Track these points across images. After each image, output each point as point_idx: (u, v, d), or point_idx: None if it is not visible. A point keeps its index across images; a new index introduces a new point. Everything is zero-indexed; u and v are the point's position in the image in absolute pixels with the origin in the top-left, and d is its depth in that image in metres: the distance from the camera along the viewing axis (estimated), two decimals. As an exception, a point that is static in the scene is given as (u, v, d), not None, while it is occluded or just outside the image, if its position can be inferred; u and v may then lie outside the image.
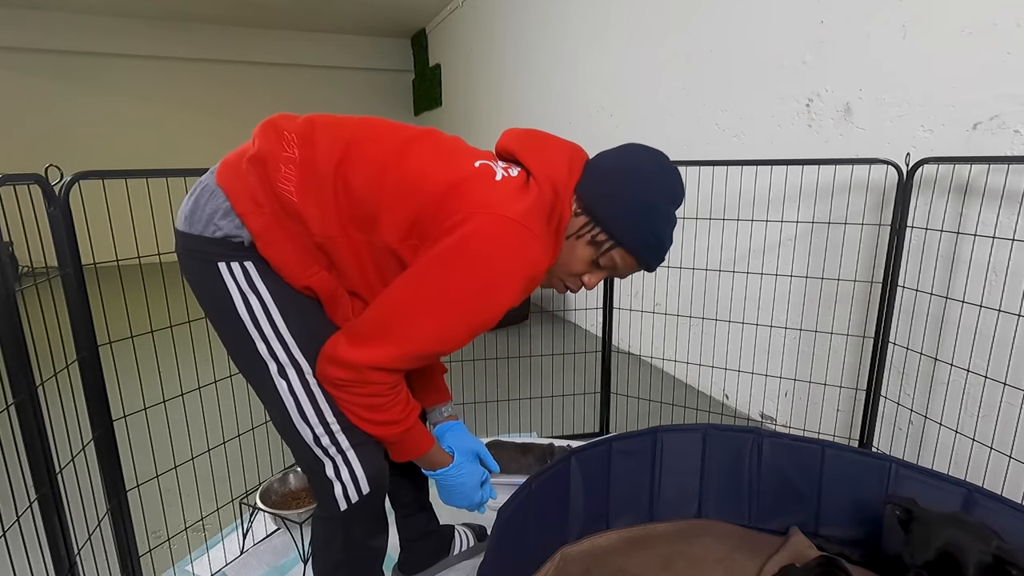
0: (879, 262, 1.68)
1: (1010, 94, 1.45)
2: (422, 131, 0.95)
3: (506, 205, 0.83)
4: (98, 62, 5.66)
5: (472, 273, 0.81)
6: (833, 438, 1.86)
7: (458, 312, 0.83)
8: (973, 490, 1.25)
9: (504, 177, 0.89)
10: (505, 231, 0.81)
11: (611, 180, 0.92)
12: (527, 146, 0.94)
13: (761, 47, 2.15)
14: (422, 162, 0.88)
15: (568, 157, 0.94)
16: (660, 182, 0.92)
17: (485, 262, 0.81)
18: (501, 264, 0.82)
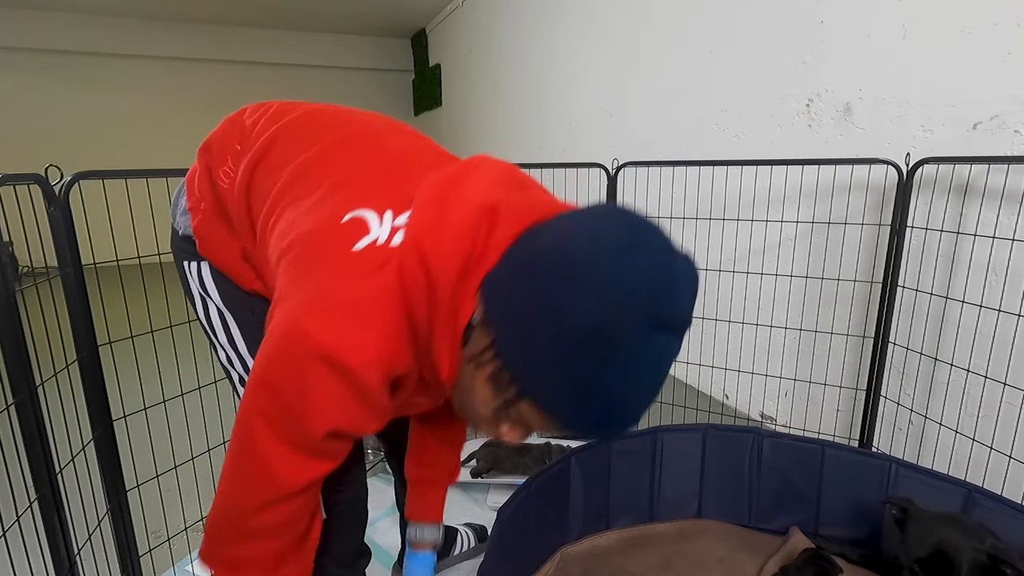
0: (879, 262, 1.68)
1: (1010, 94, 1.45)
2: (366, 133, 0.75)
3: (323, 300, 0.57)
4: (98, 62, 5.66)
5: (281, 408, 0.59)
6: (833, 438, 1.86)
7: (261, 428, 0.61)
8: (973, 490, 1.25)
9: (369, 246, 0.60)
10: (295, 357, 0.57)
11: (525, 282, 0.53)
12: (432, 190, 0.61)
13: (761, 47, 2.15)
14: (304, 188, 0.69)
15: (483, 217, 0.57)
16: (623, 295, 0.50)
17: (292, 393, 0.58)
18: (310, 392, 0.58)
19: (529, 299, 0.52)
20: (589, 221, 0.55)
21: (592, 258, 0.51)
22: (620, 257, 0.51)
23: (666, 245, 0.54)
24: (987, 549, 1.09)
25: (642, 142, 2.89)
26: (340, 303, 0.57)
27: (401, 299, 0.57)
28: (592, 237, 0.52)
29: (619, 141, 3.06)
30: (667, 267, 0.52)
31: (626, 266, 0.50)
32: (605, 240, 0.52)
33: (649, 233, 0.54)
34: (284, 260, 0.63)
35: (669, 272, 0.52)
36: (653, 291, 0.50)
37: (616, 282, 0.50)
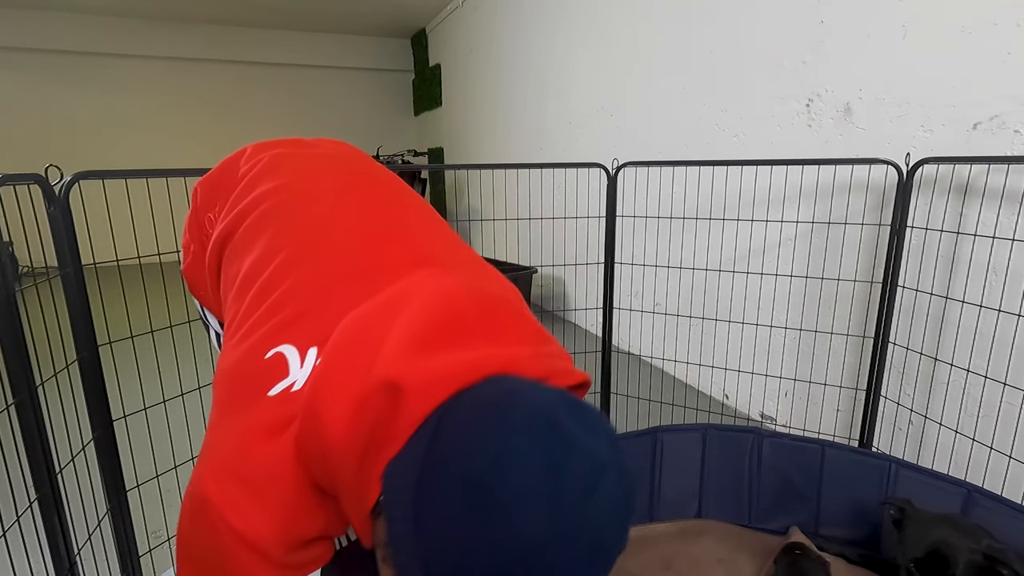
0: (879, 262, 1.68)
1: (1010, 94, 1.45)
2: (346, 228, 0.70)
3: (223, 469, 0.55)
4: (98, 62, 5.66)
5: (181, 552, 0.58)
6: (833, 438, 1.86)
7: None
8: (973, 490, 1.25)
9: (283, 392, 0.57)
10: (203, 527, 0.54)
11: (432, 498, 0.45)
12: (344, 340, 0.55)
13: (761, 47, 2.15)
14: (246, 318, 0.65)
15: (383, 398, 0.50)
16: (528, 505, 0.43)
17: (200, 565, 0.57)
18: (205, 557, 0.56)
19: (421, 529, 0.45)
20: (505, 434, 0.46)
21: (497, 497, 0.43)
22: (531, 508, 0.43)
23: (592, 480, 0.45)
24: (983, 549, 1.10)
25: (642, 142, 2.89)
26: (239, 475, 0.54)
27: (303, 468, 0.54)
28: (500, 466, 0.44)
29: (619, 141, 3.06)
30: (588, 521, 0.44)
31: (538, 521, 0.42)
32: (514, 474, 0.43)
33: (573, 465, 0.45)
34: (215, 391, 0.62)
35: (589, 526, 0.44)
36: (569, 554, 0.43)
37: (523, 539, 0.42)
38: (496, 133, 4.59)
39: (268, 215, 0.72)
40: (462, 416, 0.48)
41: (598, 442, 0.47)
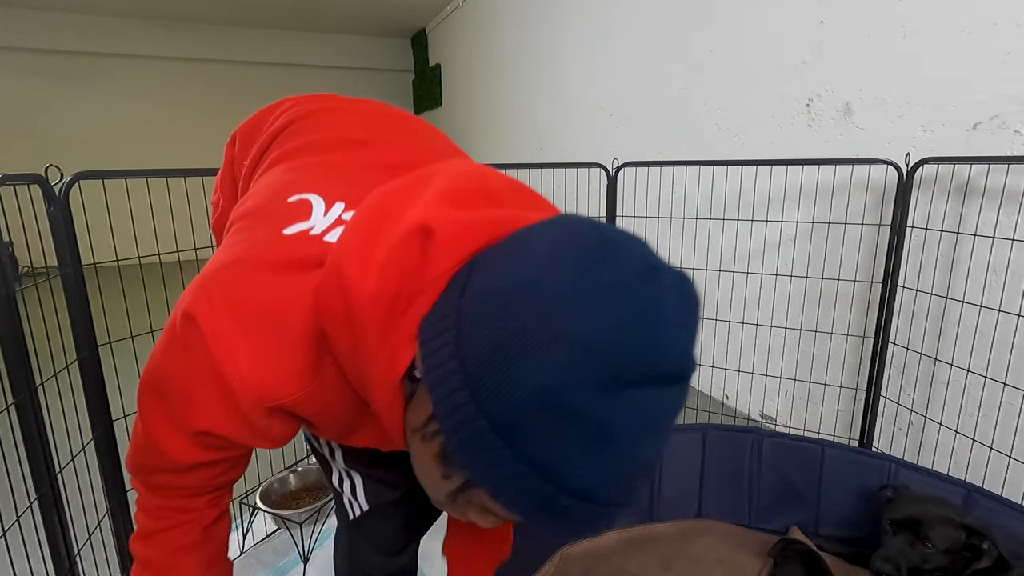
0: (879, 262, 1.68)
1: (1010, 94, 1.44)
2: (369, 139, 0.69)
3: (222, 295, 0.51)
4: (98, 62, 5.66)
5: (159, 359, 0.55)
6: (833, 438, 1.86)
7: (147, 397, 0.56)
8: (973, 490, 1.26)
9: (300, 234, 0.53)
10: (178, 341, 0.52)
11: (460, 337, 0.41)
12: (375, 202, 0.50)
13: (761, 47, 2.15)
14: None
15: (411, 242, 0.45)
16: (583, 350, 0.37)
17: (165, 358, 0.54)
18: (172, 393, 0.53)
19: (465, 362, 0.40)
20: (539, 249, 0.41)
21: (540, 303, 0.38)
22: (579, 301, 0.38)
23: (645, 270, 0.40)
24: (963, 522, 1.12)
25: (642, 142, 2.88)
26: (234, 302, 0.50)
27: (313, 323, 0.49)
28: (538, 276, 0.39)
29: (619, 141, 3.06)
30: (643, 303, 0.38)
31: (586, 312, 0.37)
32: (555, 279, 0.39)
33: (618, 259, 0.40)
34: (226, 234, 0.60)
35: (646, 309, 0.38)
36: (623, 339, 0.37)
37: (573, 334, 0.37)
38: (496, 133, 4.59)
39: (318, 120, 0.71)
40: (491, 265, 0.43)
41: (649, 249, 0.42)
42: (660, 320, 0.39)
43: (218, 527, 0.68)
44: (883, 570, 1.15)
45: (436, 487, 0.48)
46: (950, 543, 1.13)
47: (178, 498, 0.62)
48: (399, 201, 0.49)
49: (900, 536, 1.17)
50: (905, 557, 1.15)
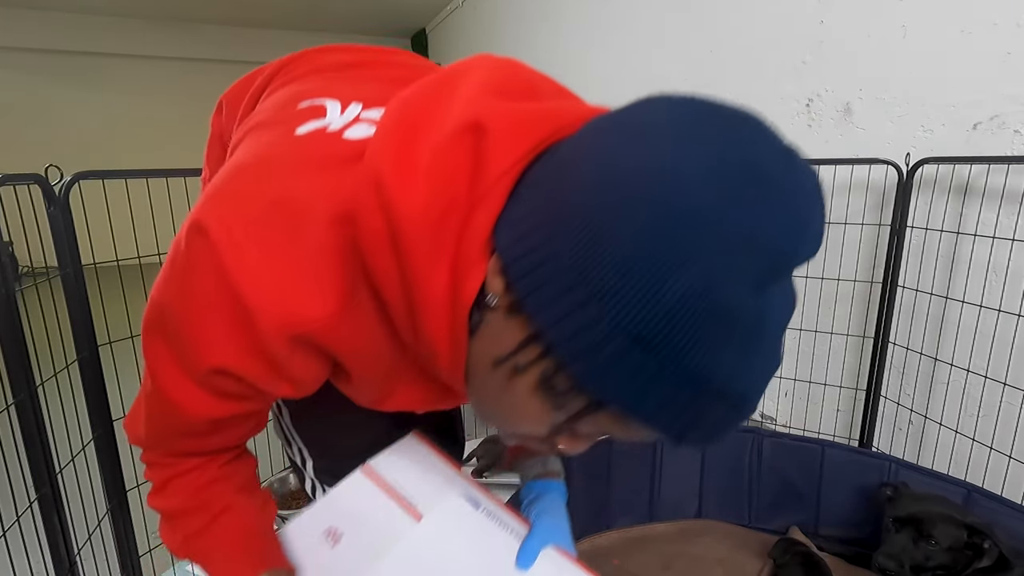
0: (879, 262, 1.68)
1: (1010, 94, 1.44)
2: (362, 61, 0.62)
3: (231, 205, 0.43)
4: (98, 62, 5.66)
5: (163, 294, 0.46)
6: (833, 438, 1.86)
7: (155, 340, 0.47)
8: (973, 490, 1.26)
9: (316, 132, 0.47)
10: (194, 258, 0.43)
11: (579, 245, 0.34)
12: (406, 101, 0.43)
13: (761, 47, 2.15)
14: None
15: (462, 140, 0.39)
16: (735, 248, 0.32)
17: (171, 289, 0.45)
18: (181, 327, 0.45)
19: (586, 273, 0.33)
20: (657, 133, 0.35)
21: (677, 192, 0.32)
22: (725, 187, 0.33)
23: (786, 150, 0.35)
24: (966, 521, 1.12)
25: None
26: (247, 205, 0.43)
27: (340, 235, 0.42)
28: (670, 163, 0.33)
29: (619, 141, 3.06)
30: (792, 187, 0.34)
31: (736, 199, 0.33)
32: (691, 164, 0.33)
33: (756, 137, 0.35)
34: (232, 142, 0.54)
35: (795, 193, 0.34)
36: (777, 228, 0.33)
37: (724, 226, 0.32)
38: (496, 133, 4.59)
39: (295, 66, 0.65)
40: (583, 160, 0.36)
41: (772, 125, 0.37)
42: (808, 205, 0.35)
43: (242, 461, 0.61)
44: (886, 567, 1.15)
45: (532, 421, 0.42)
46: (953, 541, 1.13)
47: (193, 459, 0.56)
48: (435, 97, 0.42)
49: (903, 533, 1.18)
50: (908, 554, 1.15)
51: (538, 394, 0.40)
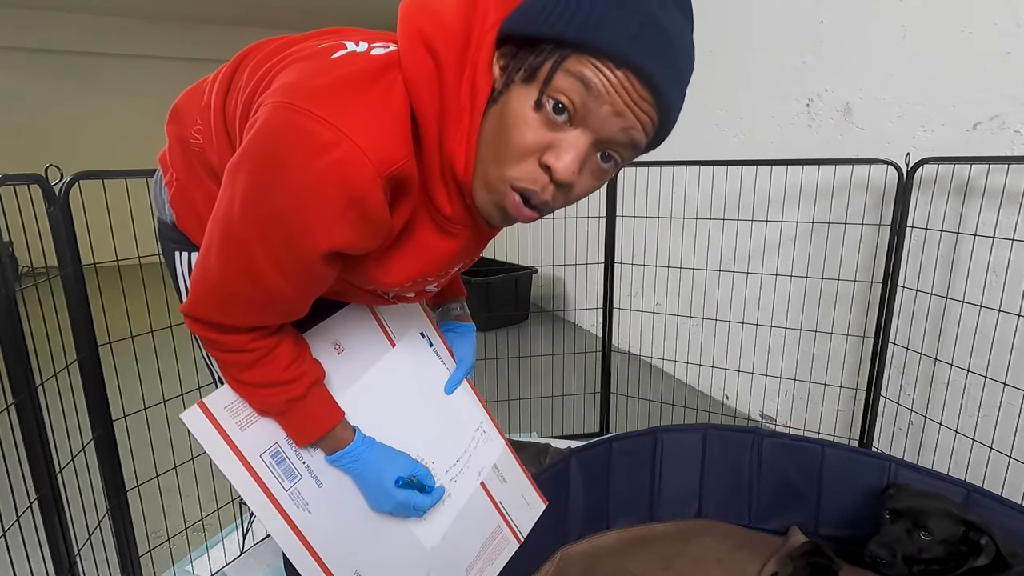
0: (879, 262, 1.68)
1: (1010, 94, 1.45)
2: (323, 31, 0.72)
3: (301, 86, 0.53)
4: (98, 62, 5.66)
5: (259, 200, 0.55)
6: (833, 438, 1.86)
7: (252, 248, 0.57)
8: (973, 490, 1.26)
9: (348, 53, 0.58)
10: (285, 129, 0.52)
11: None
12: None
13: (761, 47, 2.15)
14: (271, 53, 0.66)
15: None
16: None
17: (271, 183, 0.54)
18: (292, 185, 0.53)
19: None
20: None
21: None
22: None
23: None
24: (963, 516, 1.12)
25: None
26: (319, 93, 0.52)
27: (397, 98, 0.55)
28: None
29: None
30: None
31: None
32: None
33: None
34: (263, 83, 0.61)
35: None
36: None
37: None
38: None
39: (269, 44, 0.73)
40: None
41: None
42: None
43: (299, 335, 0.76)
44: (878, 555, 1.16)
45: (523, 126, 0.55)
46: (947, 534, 1.14)
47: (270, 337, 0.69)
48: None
49: (898, 524, 1.18)
50: (901, 544, 1.16)
51: (521, 91, 0.55)
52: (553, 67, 0.52)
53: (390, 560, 0.83)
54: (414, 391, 0.90)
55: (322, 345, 0.81)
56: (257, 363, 0.69)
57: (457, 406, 0.94)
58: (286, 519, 0.77)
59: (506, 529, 0.96)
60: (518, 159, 0.56)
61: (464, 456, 0.92)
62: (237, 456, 0.75)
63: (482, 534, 0.92)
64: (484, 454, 0.95)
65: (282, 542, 0.77)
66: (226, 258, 0.60)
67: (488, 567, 0.92)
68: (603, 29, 0.50)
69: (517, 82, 0.54)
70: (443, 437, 0.91)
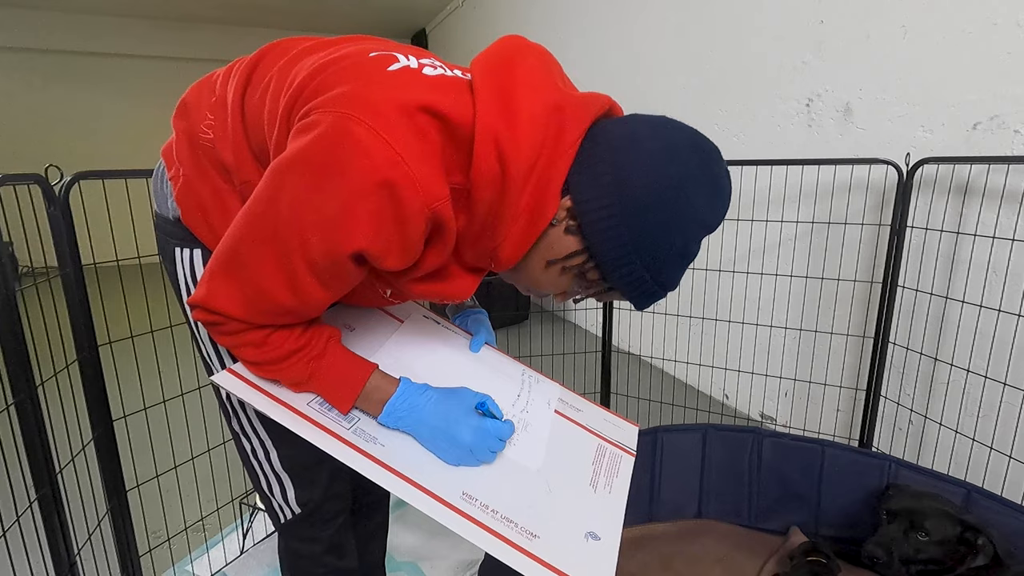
0: (879, 262, 1.68)
1: (1010, 94, 1.45)
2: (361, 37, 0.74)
3: (366, 100, 0.57)
4: (98, 62, 5.66)
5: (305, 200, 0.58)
6: (833, 438, 1.86)
7: (289, 245, 0.59)
8: (973, 490, 1.25)
9: (404, 68, 0.61)
10: (350, 139, 0.55)
11: (627, 216, 0.59)
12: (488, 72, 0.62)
13: (761, 47, 2.15)
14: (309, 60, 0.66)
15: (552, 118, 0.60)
16: (701, 202, 0.60)
17: (321, 186, 0.57)
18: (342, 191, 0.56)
19: (631, 227, 0.60)
20: (663, 141, 0.61)
21: (680, 192, 0.59)
22: (704, 191, 0.61)
23: (719, 168, 0.63)
24: (960, 516, 1.12)
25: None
26: (381, 113, 0.56)
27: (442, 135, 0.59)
28: (681, 182, 0.59)
29: (619, 141, 3.06)
30: (722, 193, 0.63)
31: (706, 198, 0.61)
32: (686, 171, 0.59)
33: (713, 157, 0.62)
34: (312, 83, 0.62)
35: (724, 196, 0.63)
36: (715, 215, 0.63)
37: (701, 212, 0.61)
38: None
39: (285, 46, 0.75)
40: (630, 148, 0.60)
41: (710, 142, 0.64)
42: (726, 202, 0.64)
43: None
44: (874, 555, 1.16)
45: (555, 290, 0.70)
46: (944, 535, 1.14)
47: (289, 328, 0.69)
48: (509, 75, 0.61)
49: (894, 524, 1.18)
50: (898, 545, 1.16)
51: (568, 277, 0.68)
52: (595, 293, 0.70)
53: (500, 479, 0.71)
54: (443, 349, 0.87)
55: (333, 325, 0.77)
56: (268, 339, 0.67)
57: (490, 361, 0.90)
58: (362, 453, 0.68)
59: (610, 447, 0.87)
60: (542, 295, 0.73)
61: (524, 393, 0.86)
62: (285, 407, 0.69)
63: (587, 454, 0.83)
64: (544, 391, 0.90)
65: (368, 473, 0.66)
66: (261, 255, 0.61)
67: (614, 480, 0.81)
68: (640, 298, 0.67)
69: (571, 271, 0.68)
70: (493, 378, 0.86)
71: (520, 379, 0.90)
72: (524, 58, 0.63)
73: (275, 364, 0.69)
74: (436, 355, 0.85)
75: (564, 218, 0.64)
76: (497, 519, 0.66)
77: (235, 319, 0.65)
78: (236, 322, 0.65)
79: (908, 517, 1.17)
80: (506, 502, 0.68)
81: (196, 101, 0.77)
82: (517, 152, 0.58)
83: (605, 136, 0.62)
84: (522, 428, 0.80)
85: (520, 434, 0.78)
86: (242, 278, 0.62)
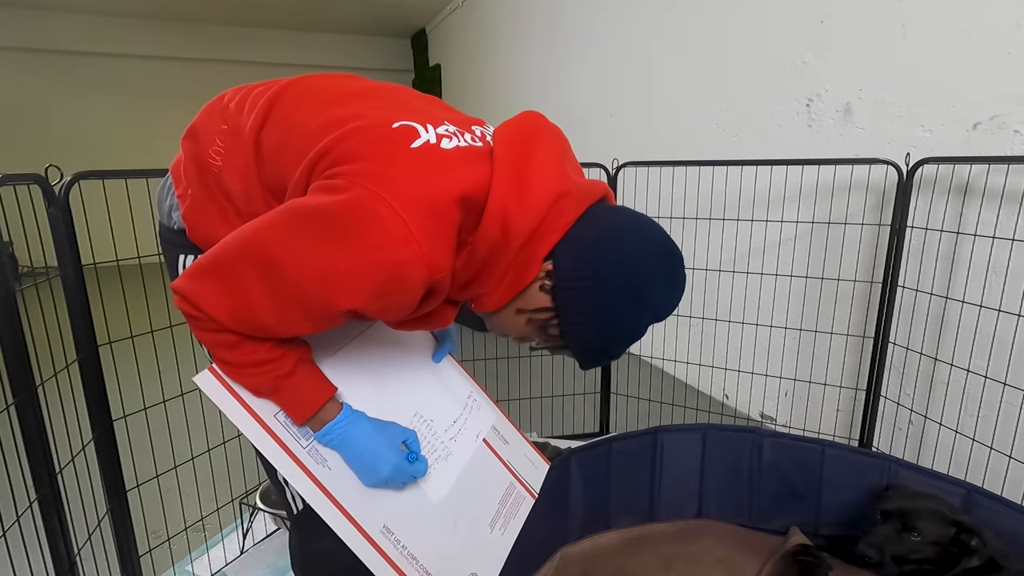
0: (879, 262, 1.68)
1: (1010, 94, 1.45)
2: (373, 87, 0.81)
3: (391, 181, 0.63)
4: (98, 62, 5.66)
5: (316, 249, 0.62)
6: (833, 438, 1.86)
7: (288, 282, 0.64)
8: (973, 490, 1.25)
9: (425, 145, 0.67)
10: (369, 214, 0.61)
11: (594, 285, 0.69)
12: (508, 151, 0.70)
13: (761, 47, 2.15)
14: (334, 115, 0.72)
15: (557, 202, 0.69)
16: (659, 296, 0.71)
17: (336, 245, 0.62)
18: (354, 257, 0.62)
19: (597, 300, 0.69)
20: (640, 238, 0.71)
21: (644, 283, 0.69)
22: (663, 288, 0.71)
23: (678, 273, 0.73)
24: (954, 517, 1.12)
25: (642, 142, 2.89)
26: (403, 195, 0.62)
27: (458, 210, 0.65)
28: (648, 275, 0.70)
29: (619, 141, 3.06)
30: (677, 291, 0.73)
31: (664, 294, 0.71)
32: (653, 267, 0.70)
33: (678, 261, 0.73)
34: (339, 147, 0.67)
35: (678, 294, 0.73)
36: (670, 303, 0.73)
37: (656, 305, 0.71)
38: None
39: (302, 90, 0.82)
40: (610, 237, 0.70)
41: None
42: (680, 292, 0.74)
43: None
44: (867, 554, 1.16)
45: (519, 335, 0.79)
46: (937, 536, 1.14)
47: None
48: (527, 156, 0.70)
49: (888, 524, 1.18)
50: (891, 544, 1.16)
51: (534, 328, 0.77)
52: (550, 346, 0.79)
53: (415, 514, 0.84)
54: (402, 357, 0.95)
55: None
56: (241, 344, 0.71)
57: (445, 376, 1.00)
58: (308, 475, 0.78)
59: (519, 486, 1.00)
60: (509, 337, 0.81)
61: (460, 418, 0.96)
62: (252, 416, 0.76)
63: (497, 490, 0.96)
64: (480, 418, 1.00)
65: (308, 497, 0.77)
66: (258, 278, 0.65)
67: (511, 521, 0.95)
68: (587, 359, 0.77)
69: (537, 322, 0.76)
70: (440, 397, 0.95)
71: (464, 402, 1.00)
72: (542, 140, 0.73)
73: (243, 368, 0.73)
74: (395, 363, 0.93)
75: (543, 278, 0.72)
76: (404, 556, 0.80)
77: (216, 322, 0.68)
78: (216, 323, 0.68)
79: (901, 517, 1.17)
80: (416, 540, 0.82)
81: (206, 126, 0.81)
82: (521, 225, 0.67)
83: (594, 222, 0.71)
84: (443, 457, 0.90)
85: (439, 464, 0.89)
86: (234, 291, 0.66)
